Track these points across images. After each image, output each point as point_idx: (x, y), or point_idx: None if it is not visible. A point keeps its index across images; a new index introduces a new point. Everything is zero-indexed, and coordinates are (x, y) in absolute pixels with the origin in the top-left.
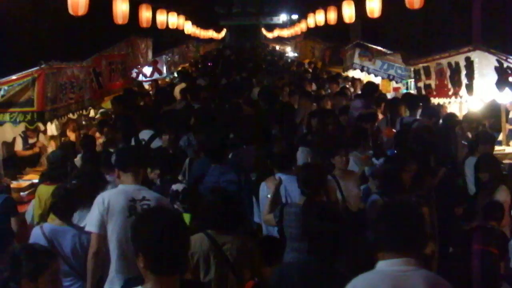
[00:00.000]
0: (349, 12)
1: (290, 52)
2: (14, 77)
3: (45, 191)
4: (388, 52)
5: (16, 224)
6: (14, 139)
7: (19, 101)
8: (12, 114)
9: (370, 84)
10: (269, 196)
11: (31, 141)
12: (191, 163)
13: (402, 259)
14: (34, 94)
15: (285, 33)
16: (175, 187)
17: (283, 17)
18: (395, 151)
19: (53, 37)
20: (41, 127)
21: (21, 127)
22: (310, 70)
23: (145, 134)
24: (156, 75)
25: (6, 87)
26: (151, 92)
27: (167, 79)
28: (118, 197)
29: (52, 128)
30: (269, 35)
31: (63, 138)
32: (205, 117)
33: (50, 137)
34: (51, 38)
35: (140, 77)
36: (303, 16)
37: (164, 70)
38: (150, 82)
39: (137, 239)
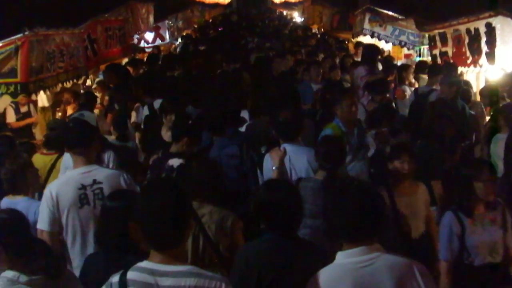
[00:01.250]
0: None
1: (297, 18)
2: None
3: (41, 160)
4: (400, 17)
5: None
6: (5, 110)
7: (1, 71)
8: None
9: (370, 47)
10: (274, 168)
11: (23, 110)
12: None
13: (361, 247)
14: (17, 63)
15: None
16: (171, 162)
17: None
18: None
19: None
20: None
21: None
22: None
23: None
24: (158, 41)
25: None
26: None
27: (173, 45)
28: (66, 188)
29: (43, 99)
30: (276, 0)
31: (57, 109)
32: (203, 86)
33: (41, 108)
34: (39, 3)
35: (142, 43)
36: None
37: (167, 36)
38: (152, 49)
39: (136, 214)
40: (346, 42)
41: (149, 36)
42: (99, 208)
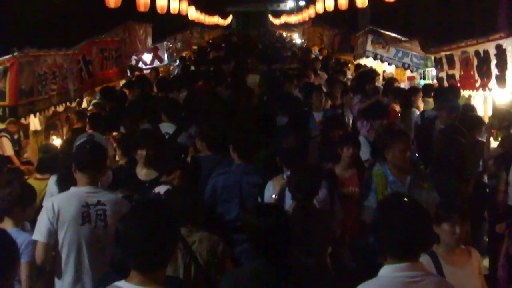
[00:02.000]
0: None
1: (297, 39)
2: None
3: (36, 186)
4: (404, 39)
5: None
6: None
7: None
8: None
9: (361, 74)
10: (274, 196)
11: (16, 136)
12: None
13: (408, 263)
14: (5, 86)
15: (292, 19)
16: (157, 189)
17: (290, 3)
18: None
19: (34, 22)
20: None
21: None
22: (320, 58)
23: (167, 128)
24: (156, 63)
25: None
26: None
27: (171, 67)
28: (69, 203)
29: (35, 122)
30: (276, 21)
31: (51, 132)
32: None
33: (33, 132)
34: (30, 23)
35: (140, 65)
36: (310, 2)
37: (166, 57)
38: (150, 71)
39: (122, 238)
40: (348, 65)
41: (147, 57)
42: (99, 229)
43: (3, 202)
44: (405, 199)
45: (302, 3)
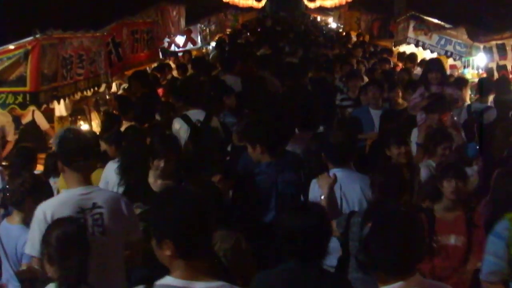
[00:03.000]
0: None
1: (332, 23)
2: (1, 49)
3: None
4: (447, 26)
5: None
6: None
7: (9, 79)
8: (1, 95)
9: (426, 62)
10: (322, 197)
11: (25, 120)
12: (236, 151)
13: (406, 281)
14: (26, 70)
15: (328, 2)
16: None
17: None
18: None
19: (63, 2)
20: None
21: None
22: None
23: (196, 115)
24: (189, 46)
25: None
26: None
27: (203, 50)
28: (62, 210)
29: (60, 108)
30: (311, 4)
31: (79, 117)
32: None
33: (58, 118)
34: (56, 3)
35: (172, 47)
36: None
37: (199, 40)
38: (182, 53)
39: (164, 224)
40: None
41: (180, 40)
42: (97, 236)
43: (14, 194)
44: (399, 212)
45: None
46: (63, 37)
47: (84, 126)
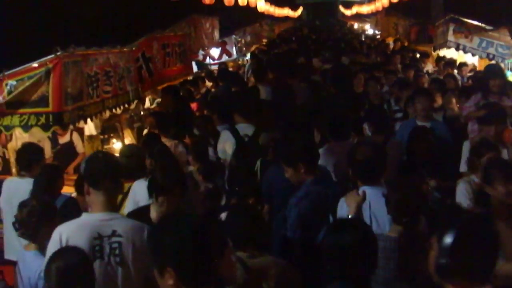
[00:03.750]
0: None
1: (369, 30)
2: (22, 68)
3: None
4: (488, 27)
5: None
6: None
7: (30, 99)
8: (23, 116)
9: (486, 67)
10: (350, 216)
11: (62, 140)
12: (265, 166)
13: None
14: (49, 90)
15: (365, 9)
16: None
17: None
18: None
19: (92, 17)
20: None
21: None
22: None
23: (245, 129)
24: (225, 58)
25: (13, 82)
26: None
27: (239, 61)
28: (79, 235)
29: (90, 127)
30: (347, 12)
31: (111, 135)
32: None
33: (88, 137)
34: (88, 19)
35: (207, 60)
36: None
37: (234, 51)
38: (219, 65)
39: (164, 252)
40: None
41: (215, 52)
42: (113, 265)
43: (26, 226)
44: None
45: None
46: (87, 54)
47: (116, 144)
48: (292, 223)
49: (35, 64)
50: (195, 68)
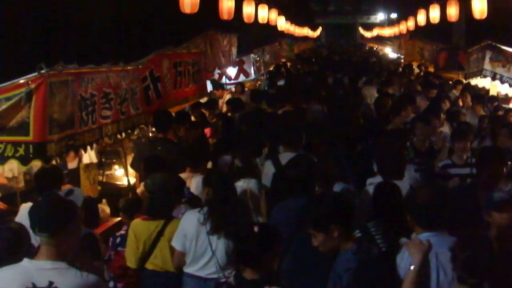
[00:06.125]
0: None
1: (391, 53)
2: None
3: (144, 228)
4: None
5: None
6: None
7: (8, 126)
8: None
9: None
10: (412, 268)
11: (71, 165)
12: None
13: None
14: (30, 115)
15: (386, 32)
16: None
17: (380, 16)
18: None
19: (98, 31)
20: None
21: None
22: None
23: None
24: (242, 78)
25: None
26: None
27: (258, 82)
28: (10, 282)
29: (90, 154)
30: (367, 34)
31: (114, 161)
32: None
33: (84, 166)
34: (94, 34)
35: (223, 80)
36: (403, 15)
37: (252, 71)
38: (235, 85)
39: None
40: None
41: (232, 71)
42: None
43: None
44: None
45: (393, 16)
46: (81, 72)
47: (119, 171)
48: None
49: (22, 81)
50: (209, 87)
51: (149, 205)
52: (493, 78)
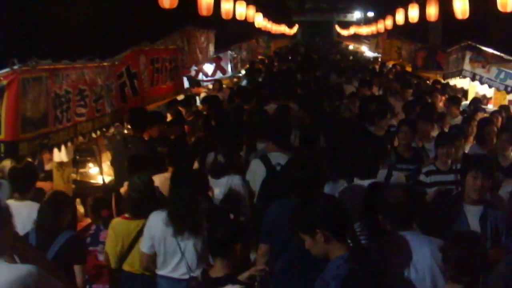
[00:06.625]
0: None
1: (367, 52)
2: None
3: (124, 227)
4: (506, 57)
5: (81, 276)
6: None
7: None
8: None
9: None
10: None
11: (48, 166)
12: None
13: None
14: (1, 112)
15: (363, 30)
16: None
17: (357, 15)
18: None
19: (78, 28)
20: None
21: None
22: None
23: (278, 157)
24: (219, 74)
25: None
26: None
27: (235, 80)
28: None
29: (61, 153)
30: (344, 32)
31: (88, 159)
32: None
33: (57, 164)
34: (74, 31)
35: (200, 76)
36: (380, 14)
37: (229, 68)
38: (211, 83)
39: None
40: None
41: (209, 68)
42: None
43: None
44: None
45: (370, 15)
46: (55, 69)
47: (93, 169)
48: None
49: None
50: (186, 84)
51: (135, 204)
52: (473, 79)
